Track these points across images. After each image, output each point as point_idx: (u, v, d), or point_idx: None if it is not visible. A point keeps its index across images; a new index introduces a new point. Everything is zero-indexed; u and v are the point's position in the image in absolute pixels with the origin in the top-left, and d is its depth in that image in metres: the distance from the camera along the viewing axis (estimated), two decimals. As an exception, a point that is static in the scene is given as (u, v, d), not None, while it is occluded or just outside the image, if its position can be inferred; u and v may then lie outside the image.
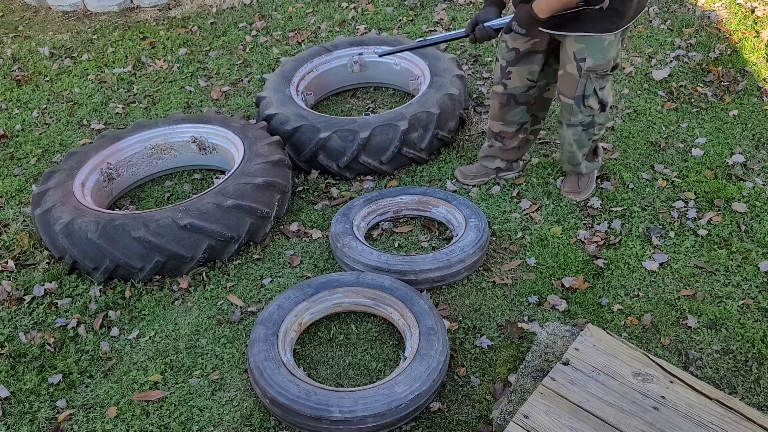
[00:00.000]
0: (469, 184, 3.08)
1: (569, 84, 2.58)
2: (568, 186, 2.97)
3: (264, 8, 4.85)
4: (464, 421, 2.14)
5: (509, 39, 2.63)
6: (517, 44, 2.62)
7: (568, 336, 2.21)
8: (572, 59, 2.50)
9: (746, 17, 4.09)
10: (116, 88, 4.09)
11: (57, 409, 2.27)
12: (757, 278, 2.55)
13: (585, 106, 2.62)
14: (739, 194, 2.91)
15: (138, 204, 3.17)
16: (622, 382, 1.96)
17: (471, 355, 2.35)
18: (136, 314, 2.59)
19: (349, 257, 2.60)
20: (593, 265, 2.66)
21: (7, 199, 3.24)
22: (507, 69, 2.71)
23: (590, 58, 2.47)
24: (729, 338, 2.33)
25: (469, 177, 3.08)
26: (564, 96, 2.64)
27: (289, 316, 2.34)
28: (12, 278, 2.78)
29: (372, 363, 2.35)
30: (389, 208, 2.91)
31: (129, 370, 2.38)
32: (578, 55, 2.48)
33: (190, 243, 2.62)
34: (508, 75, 2.72)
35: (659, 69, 3.77)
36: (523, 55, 2.64)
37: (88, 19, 4.98)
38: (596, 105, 2.63)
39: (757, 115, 3.39)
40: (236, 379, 2.32)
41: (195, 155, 3.28)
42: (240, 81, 4.06)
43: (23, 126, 3.81)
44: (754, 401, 2.13)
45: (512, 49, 2.65)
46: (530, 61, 2.66)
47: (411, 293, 2.38)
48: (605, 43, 2.44)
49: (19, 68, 4.39)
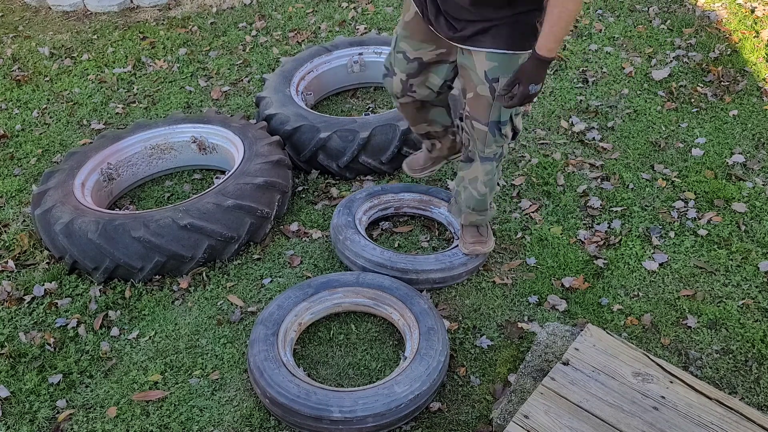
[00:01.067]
0: (419, 177, 2.84)
1: (482, 108, 2.18)
2: (470, 237, 2.56)
3: (264, 8, 4.85)
4: (464, 421, 2.15)
5: (409, 48, 2.26)
6: (419, 53, 2.25)
7: (568, 336, 2.21)
8: (483, 79, 2.10)
9: (746, 17, 4.09)
10: (116, 88, 4.09)
11: (57, 409, 2.27)
12: (757, 278, 2.55)
13: (501, 134, 2.23)
14: (739, 194, 2.91)
15: (138, 204, 3.17)
16: (622, 382, 1.96)
17: (471, 355, 2.35)
18: (136, 314, 2.59)
19: (351, 251, 2.59)
20: (593, 265, 2.66)
21: (7, 199, 3.24)
22: (408, 82, 2.33)
23: (503, 78, 2.07)
24: (729, 338, 2.33)
25: (418, 169, 2.79)
26: (477, 122, 2.22)
27: (289, 316, 2.34)
28: (12, 278, 2.78)
29: (372, 363, 2.35)
30: (391, 204, 2.90)
31: (129, 370, 2.38)
32: (490, 75, 2.08)
33: (190, 243, 2.62)
34: (410, 87, 2.34)
35: (659, 69, 3.77)
36: (427, 65, 2.28)
37: (88, 19, 4.98)
38: (509, 133, 2.27)
39: (757, 115, 3.39)
40: (236, 379, 2.32)
41: (195, 155, 3.28)
42: (240, 81, 4.06)
43: (23, 126, 3.81)
44: (754, 401, 2.13)
45: (414, 60, 2.27)
46: (433, 72, 2.31)
47: (411, 293, 2.38)
48: (519, 61, 2.05)
49: (19, 68, 4.38)
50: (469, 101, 2.22)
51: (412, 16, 2.21)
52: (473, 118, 2.24)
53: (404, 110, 2.49)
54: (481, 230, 2.59)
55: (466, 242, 2.56)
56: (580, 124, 3.42)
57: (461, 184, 2.48)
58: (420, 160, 2.77)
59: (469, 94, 2.20)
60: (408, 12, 2.23)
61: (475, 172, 2.37)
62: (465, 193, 2.47)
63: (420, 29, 2.21)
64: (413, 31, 2.23)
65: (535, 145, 3.32)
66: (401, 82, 2.35)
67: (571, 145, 3.31)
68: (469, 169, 2.40)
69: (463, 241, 2.57)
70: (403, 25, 2.26)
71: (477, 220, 2.54)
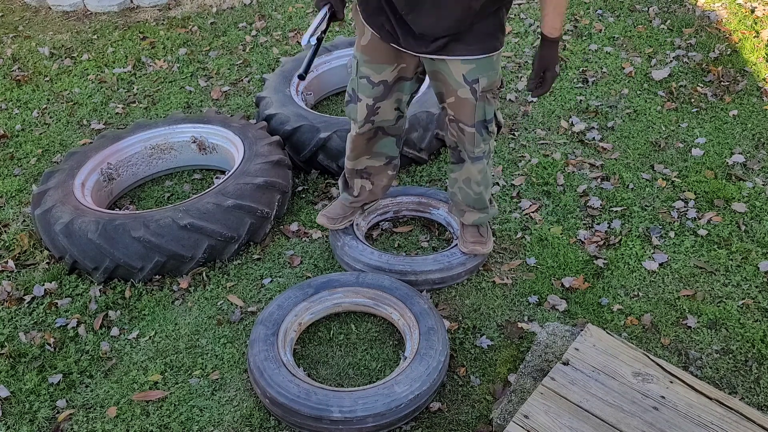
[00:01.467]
0: (337, 228, 2.69)
1: (467, 110, 2.19)
2: (470, 237, 2.56)
3: (264, 8, 4.85)
4: (464, 421, 2.15)
5: (372, 72, 2.22)
6: (384, 75, 2.22)
7: (568, 336, 2.21)
8: (463, 83, 2.11)
9: (746, 17, 4.10)
10: (116, 88, 4.09)
11: (57, 409, 2.27)
12: (757, 278, 2.55)
13: (488, 132, 2.26)
14: (739, 194, 2.91)
15: (138, 204, 3.17)
16: (622, 382, 1.96)
17: (471, 355, 2.35)
18: (136, 314, 2.59)
19: (349, 256, 2.60)
20: (593, 265, 2.66)
21: (7, 199, 3.24)
22: (375, 105, 2.29)
23: (483, 78, 2.11)
24: (729, 338, 2.33)
25: (337, 220, 2.68)
26: (464, 125, 2.23)
27: (289, 316, 2.34)
28: (12, 278, 2.78)
29: (372, 363, 2.35)
30: (389, 208, 2.91)
31: (129, 370, 2.38)
32: (469, 77, 2.10)
33: (190, 243, 2.62)
34: (376, 111, 2.31)
35: (659, 69, 3.77)
36: (392, 85, 2.26)
37: (88, 19, 4.98)
38: (495, 129, 2.29)
39: (757, 115, 3.39)
40: (236, 379, 2.32)
41: (195, 155, 3.28)
42: (240, 81, 4.06)
43: (23, 126, 3.81)
44: (754, 401, 2.13)
45: (379, 83, 2.24)
46: (398, 90, 2.29)
47: (411, 293, 2.38)
48: (494, 58, 2.12)
49: (19, 68, 4.38)
50: (451, 105, 2.22)
51: (369, 38, 2.18)
52: (459, 121, 2.25)
53: (356, 140, 2.44)
54: (481, 230, 2.59)
55: (465, 242, 2.57)
56: (580, 124, 3.42)
57: (455, 186, 2.48)
58: (338, 209, 2.69)
59: (450, 99, 2.20)
60: (363, 36, 2.20)
61: (467, 173, 2.39)
62: (461, 193, 2.48)
63: (380, 50, 2.19)
64: (373, 54, 2.20)
65: (535, 145, 3.32)
66: (366, 107, 2.30)
67: (571, 145, 3.31)
68: (460, 170, 2.41)
69: (463, 241, 2.58)
70: (361, 49, 2.22)
71: (479, 219, 2.54)
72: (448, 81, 2.14)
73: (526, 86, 2.10)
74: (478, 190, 2.41)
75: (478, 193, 2.43)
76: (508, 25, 4.34)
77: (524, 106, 3.60)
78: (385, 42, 2.15)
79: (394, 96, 2.30)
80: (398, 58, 2.20)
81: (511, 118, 3.54)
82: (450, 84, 2.15)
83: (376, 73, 2.23)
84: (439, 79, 2.19)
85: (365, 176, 2.59)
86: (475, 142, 2.27)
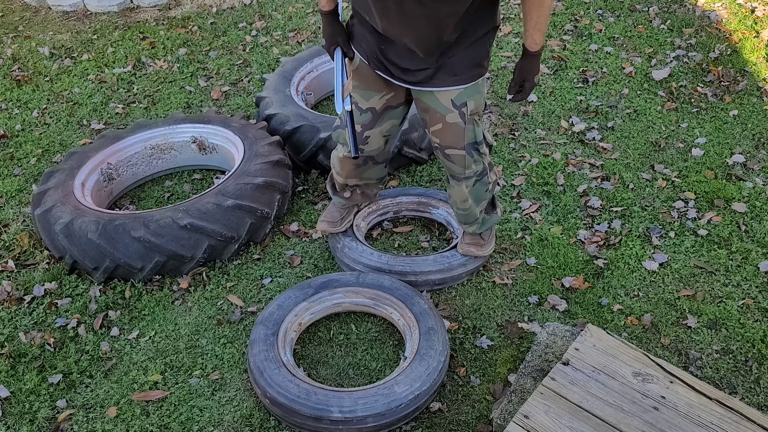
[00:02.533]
0: (338, 230, 2.68)
1: (455, 135, 2.18)
2: (470, 239, 2.57)
3: (264, 8, 4.85)
4: (464, 421, 2.15)
5: (360, 98, 2.22)
6: (372, 103, 2.22)
7: (568, 336, 2.21)
8: (451, 107, 2.11)
9: (746, 17, 4.10)
10: (116, 88, 4.09)
11: (57, 409, 2.27)
12: (757, 278, 2.55)
13: (479, 153, 2.25)
14: (739, 194, 2.91)
15: (138, 204, 3.17)
16: (622, 382, 1.96)
17: (471, 355, 2.35)
18: (136, 314, 2.59)
19: (349, 258, 2.60)
20: (593, 265, 2.66)
21: (7, 199, 3.24)
22: (364, 134, 2.28)
23: (471, 101, 2.12)
24: (729, 338, 2.33)
25: (337, 223, 2.68)
26: (453, 149, 2.22)
27: (289, 316, 2.34)
28: (12, 278, 2.78)
29: (372, 363, 2.35)
30: (389, 209, 2.91)
31: (129, 370, 2.38)
32: (457, 101, 2.10)
33: (190, 243, 2.62)
34: (365, 140, 2.31)
35: (659, 69, 3.77)
36: (380, 113, 2.25)
37: (88, 19, 4.98)
38: (486, 150, 2.29)
39: (757, 115, 3.39)
40: (236, 379, 2.32)
41: (195, 155, 3.28)
42: (240, 81, 4.06)
43: (23, 126, 3.81)
44: (754, 401, 2.13)
45: (367, 110, 2.23)
46: (388, 118, 2.28)
47: (411, 293, 2.38)
48: (480, 82, 2.12)
49: (19, 68, 4.38)
50: (438, 133, 2.20)
51: (358, 64, 2.18)
52: (446, 148, 2.23)
53: (345, 163, 2.44)
54: (483, 235, 2.58)
55: (463, 242, 2.58)
56: (580, 124, 3.42)
57: (450, 200, 2.48)
58: (334, 212, 2.70)
59: (436, 126, 2.18)
60: (353, 61, 2.19)
61: (456, 192, 2.38)
62: (453, 208, 2.51)
63: (369, 78, 2.18)
64: (362, 80, 2.20)
65: (535, 145, 3.32)
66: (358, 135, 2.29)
67: (571, 145, 3.31)
68: (451, 189, 2.40)
69: (462, 241, 2.58)
70: (350, 74, 2.20)
71: (476, 229, 2.52)
72: (436, 108, 2.14)
73: (507, 91, 2.13)
74: (465, 207, 2.41)
75: (466, 209, 2.42)
76: (508, 25, 4.34)
77: (524, 106, 3.60)
78: (373, 69, 2.15)
79: (385, 124, 2.29)
80: (387, 87, 2.19)
81: (511, 118, 3.54)
82: (438, 111, 2.14)
83: (364, 99, 2.22)
84: (424, 109, 2.18)
85: (359, 189, 2.63)
86: (465, 164, 2.25)
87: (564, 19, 4.32)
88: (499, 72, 3.90)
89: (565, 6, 4.47)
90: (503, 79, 3.82)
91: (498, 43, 4.17)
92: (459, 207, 2.43)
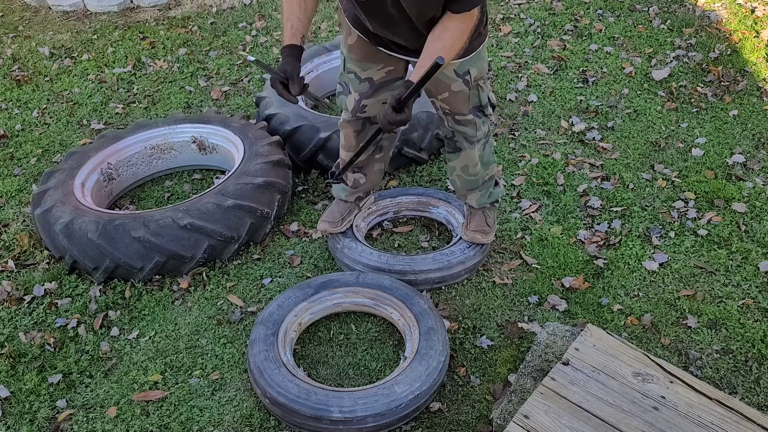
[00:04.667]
0: (339, 231, 2.70)
1: (461, 102, 2.24)
2: (475, 225, 2.59)
3: (264, 8, 4.85)
4: (464, 421, 2.14)
5: (358, 69, 2.26)
6: (370, 73, 2.26)
7: (568, 336, 2.21)
8: (455, 77, 2.17)
9: (746, 17, 4.10)
10: (116, 88, 4.09)
11: (57, 409, 2.27)
12: (757, 278, 2.55)
13: (485, 115, 2.32)
14: (739, 194, 2.91)
15: (138, 204, 3.17)
16: (622, 382, 1.96)
17: (471, 355, 2.35)
18: (136, 314, 2.59)
19: (349, 258, 2.60)
20: (593, 265, 2.66)
21: (7, 199, 3.24)
22: (361, 102, 2.33)
23: (473, 68, 2.17)
24: (729, 338, 2.33)
25: (338, 223, 2.69)
26: (461, 115, 2.28)
27: (289, 316, 2.34)
28: (12, 278, 2.78)
29: (372, 363, 2.35)
30: (389, 209, 2.91)
31: (129, 370, 2.38)
32: (460, 71, 2.16)
33: (190, 243, 2.62)
34: (362, 109, 2.35)
35: (659, 69, 3.77)
36: (378, 85, 2.29)
37: (88, 19, 4.98)
38: (491, 111, 2.35)
39: (757, 115, 3.39)
40: (236, 379, 2.32)
41: (195, 155, 3.28)
42: (240, 81, 4.06)
43: (23, 126, 3.81)
44: (754, 401, 2.13)
45: (365, 80, 2.27)
46: (386, 90, 2.31)
47: (411, 293, 2.38)
48: (480, 49, 2.17)
49: (19, 68, 4.38)
50: (446, 100, 2.26)
51: (356, 39, 2.20)
52: (455, 113, 2.29)
53: (346, 128, 2.46)
54: (488, 220, 2.61)
55: (468, 228, 2.60)
56: (580, 124, 3.42)
57: (454, 173, 2.52)
58: (335, 211, 2.71)
59: (443, 94, 2.24)
60: (350, 35, 2.21)
61: (465, 159, 2.43)
62: (460, 180, 2.53)
63: (366, 51, 2.21)
64: (359, 54, 2.23)
65: (535, 145, 3.32)
66: (355, 101, 2.35)
67: (571, 145, 3.31)
68: (458, 158, 2.44)
69: (466, 227, 2.61)
70: (348, 48, 2.24)
71: (482, 197, 2.56)
72: (440, 78, 2.17)
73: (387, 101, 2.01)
74: (476, 171, 2.47)
75: (476, 174, 2.48)
76: (507, 24, 4.34)
77: (524, 106, 3.60)
78: (372, 45, 2.17)
79: (382, 95, 2.31)
80: (386, 60, 2.22)
81: (511, 118, 3.54)
82: (442, 81, 2.18)
83: (361, 70, 2.26)
84: None
85: (356, 170, 2.62)
86: (477, 126, 2.33)
87: (564, 19, 4.32)
88: (499, 72, 3.90)
89: (565, 6, 4.47)
90: (503, 79, 3.83)
91: (498, 43, 4.18)
92: (470, 173, 2.47)
